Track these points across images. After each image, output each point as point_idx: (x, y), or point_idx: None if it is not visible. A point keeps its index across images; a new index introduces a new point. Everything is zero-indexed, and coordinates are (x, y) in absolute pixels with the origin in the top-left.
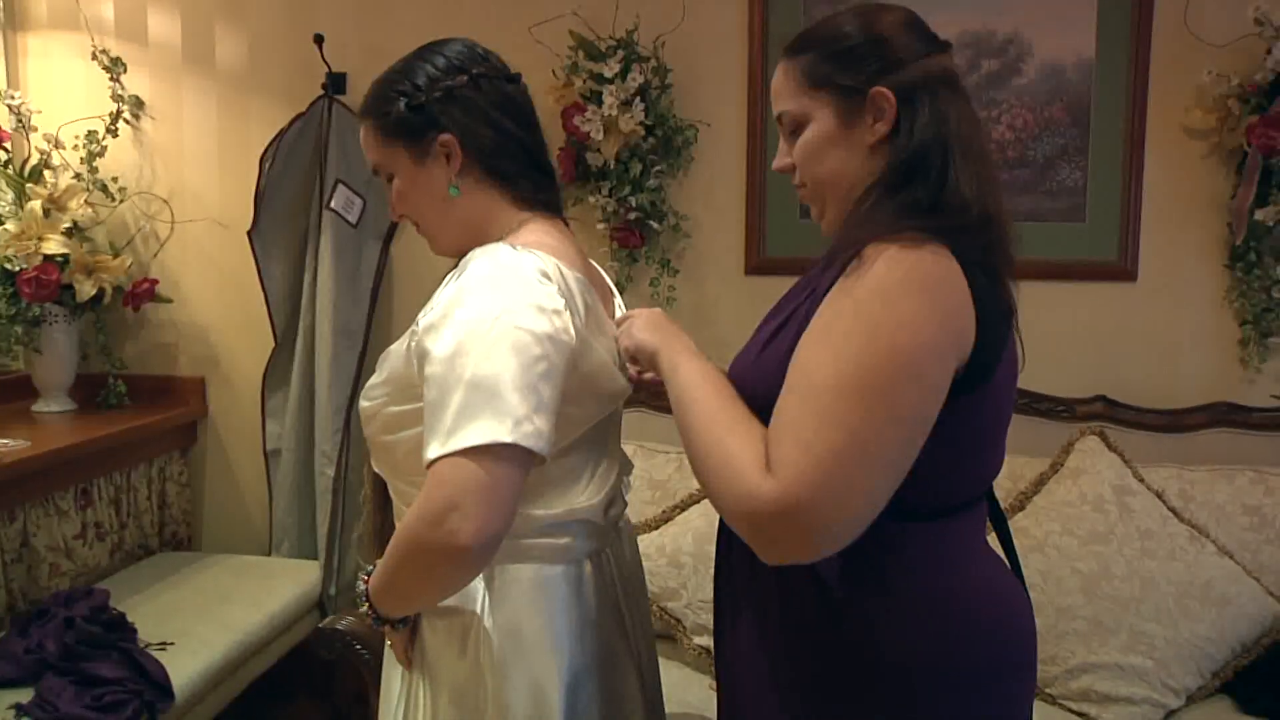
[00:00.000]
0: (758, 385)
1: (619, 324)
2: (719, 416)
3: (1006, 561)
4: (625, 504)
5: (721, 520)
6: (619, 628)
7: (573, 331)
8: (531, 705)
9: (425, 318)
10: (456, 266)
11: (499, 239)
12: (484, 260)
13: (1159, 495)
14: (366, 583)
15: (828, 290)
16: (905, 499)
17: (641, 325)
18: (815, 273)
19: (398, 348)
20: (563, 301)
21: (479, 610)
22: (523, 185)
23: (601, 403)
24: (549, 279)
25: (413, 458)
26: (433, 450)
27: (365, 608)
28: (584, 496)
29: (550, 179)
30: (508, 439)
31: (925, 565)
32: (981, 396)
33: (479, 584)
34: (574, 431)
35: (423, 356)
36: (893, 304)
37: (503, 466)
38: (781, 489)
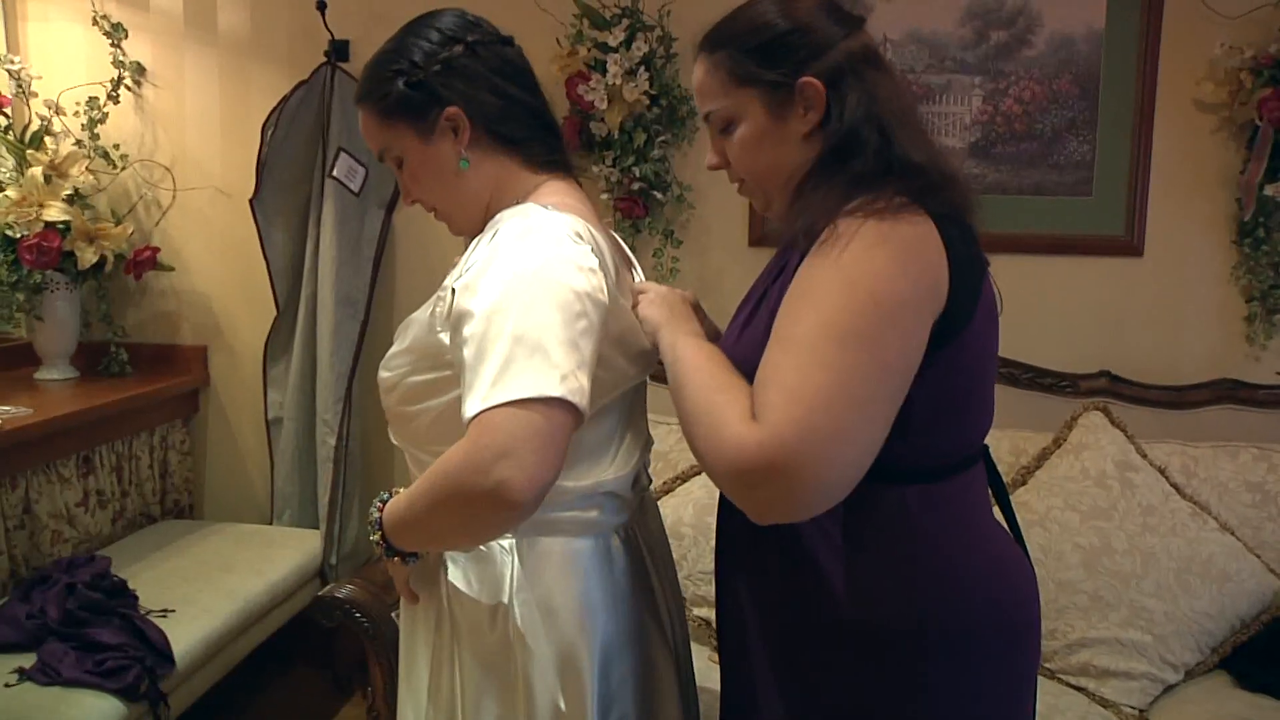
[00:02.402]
0: (740, 367)
1: (635, 292)
2: (710, 382)
3: (1009, 531)
4: (650, 479)
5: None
6: (650, 601)
7: (605, 291)
8: (562, 678)
9: (458, 280)
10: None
11: (517, 204)
12: (516, 220)
13: (1161, 471)
14: (381, 510)
15: (798, 266)
16: (898, 459)
17: (652, 299)
18: (777, 257)
19: (421, 315)
20: (596, 261)
21: (508, 583)
22: (533, 148)
23: (631, 367)
24: (581, 238)
25: (436, 428)
26: (475, 404)
27: (376, 536)
28: (612, 469)
29: (558, 139)
30: (557, 392)
31: (926, 531)
32: (960, 346)
33: (508, 557)
34: (603, 397)
35: (461, 317)
36: (868, 258)
37: (554, 418)
38: (767, 434)
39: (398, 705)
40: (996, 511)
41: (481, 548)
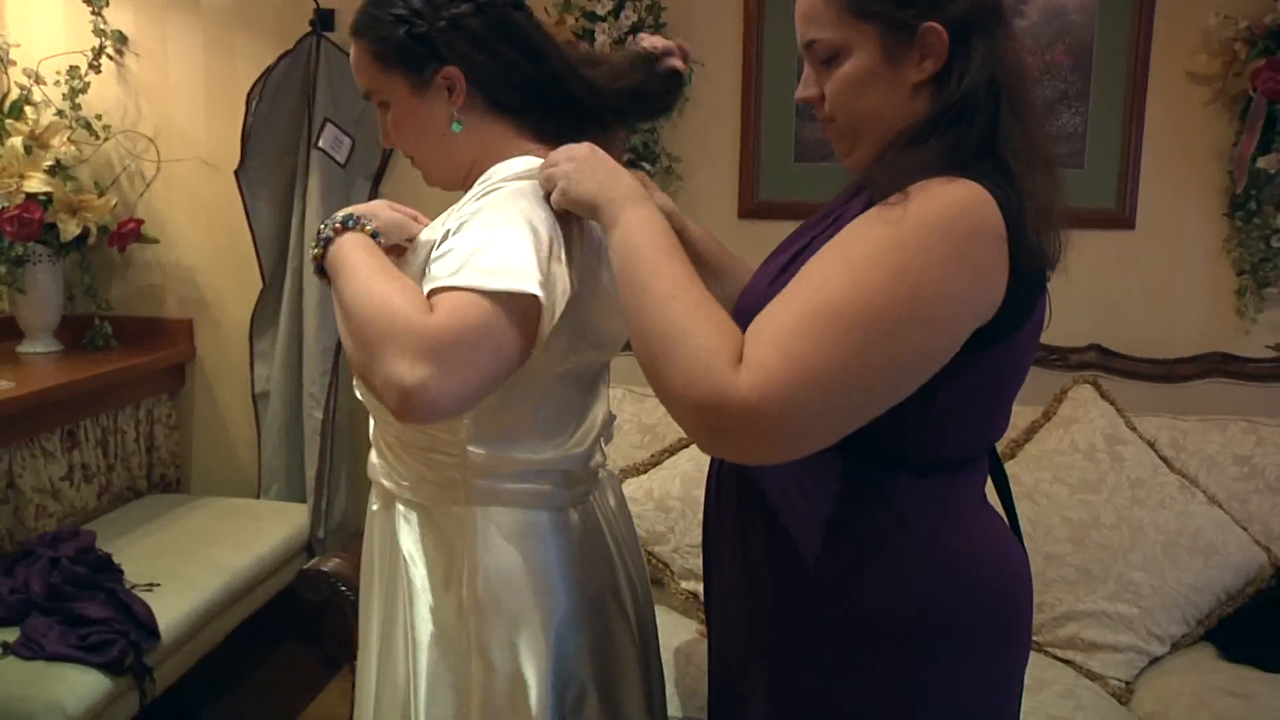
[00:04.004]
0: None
1: (544, 165)
2: (680, 293)
3: (1005, 517)
4: (605, 457)
5: (713, 464)
6: (610, 575)
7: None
8: (517, 648)
9: (449, 224)
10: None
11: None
12: (507, 168)
13: (1151, 445)
14: (337, 235)
15: (855, 216)
16: (909, 452)
17: (575, 169)
18: (839, 201)
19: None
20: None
21: (463, 550)
22: (528, 119)
23: (592, 350)
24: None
25: None
26: (443, 279)
27: (317, 250)
28: (569, 445)
29: (558, 111)
30: (534, 290)
31: (925, 520)
32: (997, 354)
33: (464, 524)
34: (558, 365)
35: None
36: (927, 246)
37: (512, 321)
38: (754, 391)
39: (356, 670)
40: (991, 494)
41: (435, 510)
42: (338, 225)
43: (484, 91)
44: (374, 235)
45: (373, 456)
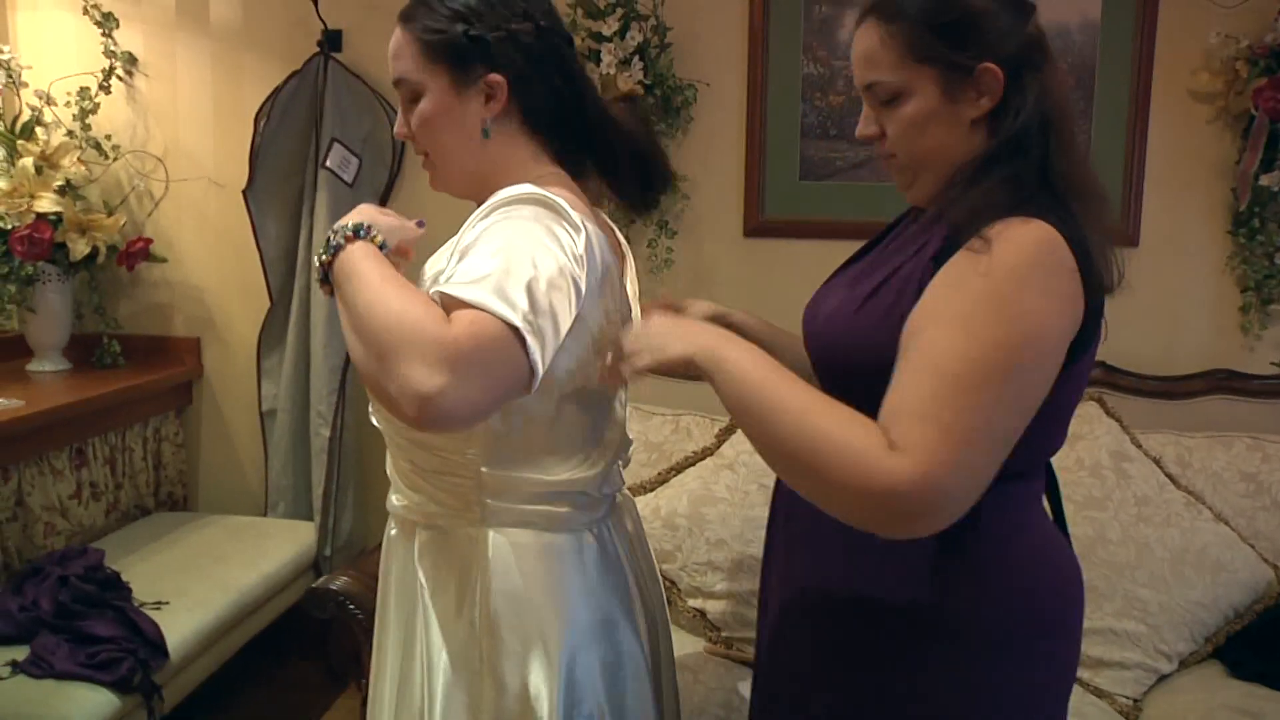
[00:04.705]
0: (860, 341)
1: (630, 342)
2: (808, 405)
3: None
4: (622, 481)
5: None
6: (624, 597)
7: (582, 284)
8: (529, 670)
9: (464, 240)
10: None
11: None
12: (514, 190)
13: (1156, 461)
14: (349, 243)
15: (936, 256)
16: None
17: (660, 334)
18: (912, 231)
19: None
20: (582, 244)
21: (478, 572)
22: (553, 144)
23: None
24: (573, 223)
25: None
26: (461, 290)
27: (326, 257)
28: (583, 468)
29: (580, 145)
30: (517, 323)
31: (999, 527)
32: (1076, 366)
33: (478, 546)
34: (575, 389)
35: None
36: (1023, 291)
37: (514, 349)
38: (919, 470)
39: (369, 690)
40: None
41: (451, 533)
42: (348, 233)
43: (523, 106)
44: (381, 246)
45: (390, 495)
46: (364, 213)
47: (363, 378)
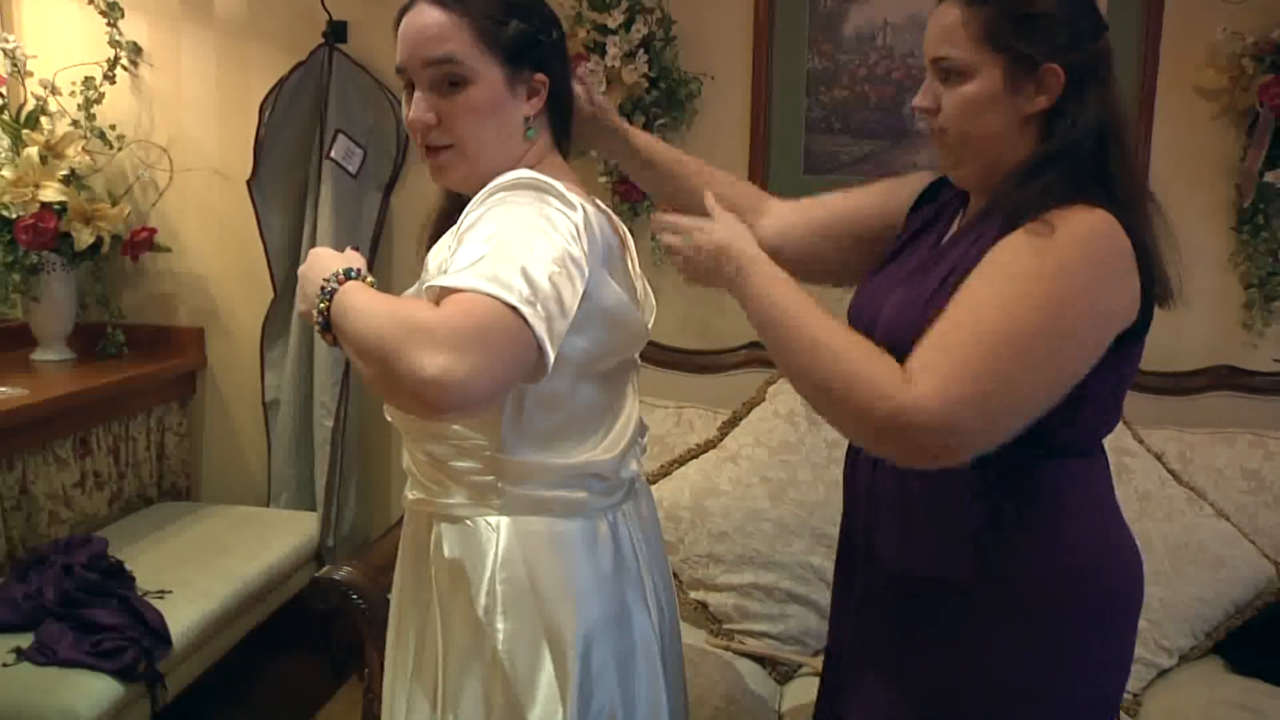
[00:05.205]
0: (901, 312)
1: (681, 248)
2: (839, 332)
3: None
4: (641, 465)
5: (851, 449)
6: (637, 587)
7: (584, 262)
8: (544, 659)
9: (461, 228)
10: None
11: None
12: (508, 176)
13: (1158, 457)
14: (340, 285)
15: (996, 239)
16: (1064, 436)
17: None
18: (968, 223)
19: (413, 291)
20: (580, 221)
21: (491, 560)
22: (560, 137)
23: (616, 343)
24: (568, 203)
25: None
26: (455, 279)
27: (324, 305)
28: (600, 450)
29: (569, 135)
30: (514, 302)
31: (1072, 500)
32: (1131, 351)
33: (494, 534)
34: (590, 368)
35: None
36: (1076, 271)
37: (521, 331)
38: (924, 394)
39: (384, 679)
40: None
41: (467, 522)
42: (340, 277)
43: (555, 106)
44: (372, 285)
45: (406, 490)
46: (350, 258)
47: (378, 391)
